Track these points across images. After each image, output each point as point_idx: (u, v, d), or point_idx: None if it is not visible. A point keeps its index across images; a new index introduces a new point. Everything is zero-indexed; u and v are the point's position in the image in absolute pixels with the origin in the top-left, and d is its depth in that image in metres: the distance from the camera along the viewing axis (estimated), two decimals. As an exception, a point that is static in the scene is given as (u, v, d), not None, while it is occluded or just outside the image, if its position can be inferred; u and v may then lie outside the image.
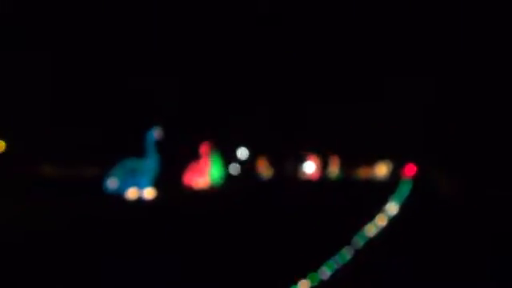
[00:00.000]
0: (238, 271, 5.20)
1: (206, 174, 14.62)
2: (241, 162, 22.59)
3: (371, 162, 23.40)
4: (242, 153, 22.70)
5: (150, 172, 10.87)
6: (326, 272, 4.83)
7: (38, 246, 6.17)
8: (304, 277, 4.61)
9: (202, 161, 14.57)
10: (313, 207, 10.94)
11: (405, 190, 14.61)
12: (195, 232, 7.58)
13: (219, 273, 5.15)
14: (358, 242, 6.24)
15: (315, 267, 4.86)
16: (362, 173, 23.48)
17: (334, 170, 23.54)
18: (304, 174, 23.51)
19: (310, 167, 24.04)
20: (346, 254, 5.58)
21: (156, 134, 10.97)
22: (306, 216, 9.42)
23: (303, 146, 23.49)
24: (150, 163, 10.91)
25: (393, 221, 8.48)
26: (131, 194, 10.84)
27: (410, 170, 20.04)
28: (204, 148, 14.58)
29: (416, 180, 17.85)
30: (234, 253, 6.04)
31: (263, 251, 6.06)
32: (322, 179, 22.35)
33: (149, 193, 10.98)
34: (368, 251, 6.02)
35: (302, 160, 23.91)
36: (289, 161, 24.01)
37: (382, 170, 23.32)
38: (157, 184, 11.11)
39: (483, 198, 12.38)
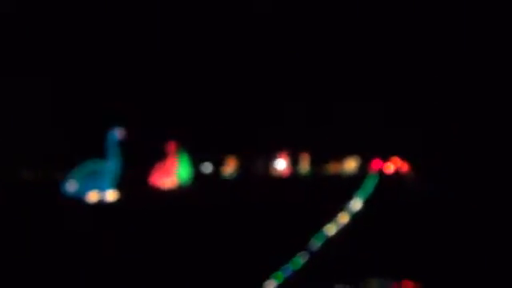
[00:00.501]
0: (207, 271, 5.10)
1: (173, 173, 14.24)
2: (213, 161, 22.48)
3: (340, 157, 23.54)
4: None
5: (111, 174, 10.47)
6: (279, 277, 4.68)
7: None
8: (267, 278, 4.49)
9: (168, 160, 14.19)
10: (281, 204, 10.77)
11: (371, 184, 14.67)
12: (161, 233, 7.33)
13: (186, 274, 5.01)
14: (316, 242, 6.06)
15: (277, 268, 4.75)
16: (332, 168, 23.59)
17: (305, 166, 23.66)
18: (275, 171, 23.57)
19: (280, 164, 24.13)
20: (301, 258, 5.40)
21: (118, 133, 10.58)
22: (275, 214, 9.23)
23: (274, 144, 23.46)
24: (112, 164, 10.51)
25: (356, 217, 8.33)
26: (92, 196, 10.43)
27: (377, 164, 20.11)
28: (170, 147, 14.20)
29: (382, 174, 17.95)
30: (202, 253, 5.87)
31: (231, 250, 5.95)
32: (293, 176, 22.45)
33: (111, 195, 10.59)
34: (325, 251, 5.84)
35: (273, 158, 23.98)
36: (259, 159, 24.04)
37: (350, 164, 23.44)
38: (119, 186, 10.71)
39: (449, 194, 12.29)
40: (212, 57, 18.30)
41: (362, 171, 21.44)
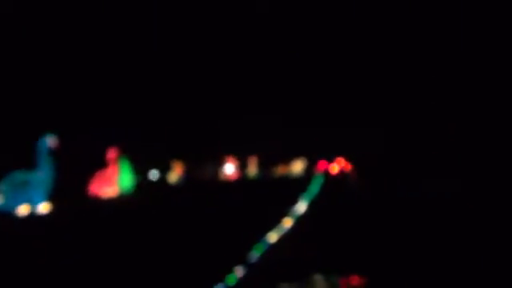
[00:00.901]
0: (148, 282, 4.90)
1: (114, 182, 13.55)
2: (160, 168, 22.05)
3: (288, 159, 23.48)
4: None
5: (43, 185, 9.75)
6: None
7: None
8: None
9: (109, 168, 13.49)
10: (229, 208, 10.47)
11: (316, 185, 14.55)
12: (102, 245, 6.85)
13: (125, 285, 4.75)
14: (261, 248, 5.83)
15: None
16: (279, 170, 23.46)
17: (253, 169, 23.58)
18: (224, 175, 23.37)
19: (229, 168, 23.99)
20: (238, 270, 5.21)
21: (49, 141, 9.88)
22: (221, 218, 8.98)
23: (221, 149, 23.25)
24: (43, 175, 9.79)
25: (301, 218, 8.17)
26: (22, 210, 9.69)
27: (323, 165, 20.16)
28: (111, 154, 13.50)
29: (328, 175, 18.03)
30: (144, 263, 5.60)
31: (178, 256, 5.78)
32: (241, 179, 22.32)
33: (43, 208, 9.87)
34: (270, 253, 5.69)
35: (222, 162, 23.80)
36: (208, 164, 23.83)
37: (297, 166, 23.35)
38: (52, 197, 9.99)
39: (392, 196, 12.38)
40: (156, 59, 17.71)
41: (309, 172, 21.34)
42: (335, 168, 19.51)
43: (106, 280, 5.18)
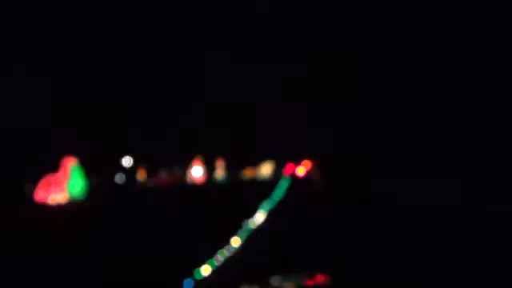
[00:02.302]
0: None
1: (63, 188, 12.02)
2: (125, 171, 20.89)
3: (256, 162, 22.30)
4: (127, 161, 20.99)
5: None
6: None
7: None
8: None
9: (58, 173, 11.99)
10: (195, 212, 9.82)
11: (282, 188, 13.64)
12: (55, 254, 6.02)
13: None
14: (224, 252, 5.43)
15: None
16: (248, 173, 22.22)
17: (220, 172, 22.37)
18: (191, 178, 22.17)
19: (196, 171, 22.78)
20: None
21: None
22: (188, 221, 8.43)
23: (190, 151, 22.05)
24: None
25: (263, 224, 7.54)
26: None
27: (290, 168, 19.19)
28: (66, 161, 12.01)
29: (295, 177, 17.23)
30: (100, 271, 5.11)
31: (139, 261, 5.35)
32: (209, 182, 21.22)
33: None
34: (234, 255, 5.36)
35: (189, 165, 22.62)
36: (176, 167, 22.63)
37: (265, 169, 22.17)
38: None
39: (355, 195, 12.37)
40: (118, 62, 16.32)
41: (277, 175, 20.29)
42: (302, 170, 18.55)
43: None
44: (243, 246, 6.06)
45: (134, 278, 4.89)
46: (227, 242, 5.91)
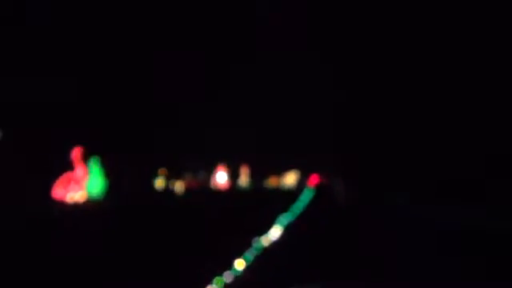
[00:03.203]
0: None
1: (82, 186, 11.69)
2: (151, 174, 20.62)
3: (280, 171, 21.90)
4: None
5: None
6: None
7: None
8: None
9: (77, 170, 11.65)
10: (218, 218, 9.54)
11: (304, 199, 13.10)
12: (68, 253, 5.61)
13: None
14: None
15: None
16: (272, 182, 21.82)
17: (244, 179, 22.03)
18: (215, 183, 21.89)
19: (221, 177, 22.46)
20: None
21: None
22: (210, 228, 8.08)
23: (213, 157, 21.76)
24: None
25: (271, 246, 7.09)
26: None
27: (314, 179, 18.69)
28: (76, 154, 11.61)
29: (318, 188, 16.71)
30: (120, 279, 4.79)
31: (159, 269, 5.14)
32: (232, 189, 20.91)
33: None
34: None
35: (213, 170, 22.34)
36: (200, 171, 22.39)
37: (290, 179, 21.72)
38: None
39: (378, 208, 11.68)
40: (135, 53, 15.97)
41: (301, 185, 19.81)
42: (325, 182, 18.08)
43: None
44: (249, 268, 5.65)
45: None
46: (232, 263, 5.42)
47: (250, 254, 5.52)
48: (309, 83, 18.31)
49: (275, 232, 7.15)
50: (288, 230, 7.60)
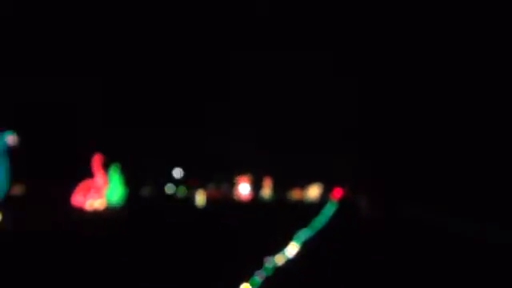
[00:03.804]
0: None
1: (102, 194, 11.54)
2: (175, 182, 20.59)
3: (304, 183, 21.51)
4: (178, 173, 20.71)
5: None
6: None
7: None
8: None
9: (98, 179, 11.50)
10: (240, 230, 9.18)
11: (327, 213, 12.62)
12: (85, 261, 5.27)
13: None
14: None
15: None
16: (295, 194, 21.44)
17: (267, 191, 21.71)
18: (238, 194, 21.62)
19: (243, 189, 22.20)
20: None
21: (9, 139, 7.90)
22: (231, 239, 7.78)
23: (236, 168, 21.55)
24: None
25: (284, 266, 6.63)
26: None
27: (338, 193, 18.21)
28: (97, 162, 11.46)
29: (342, 203, 16.19)
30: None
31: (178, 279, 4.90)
32: (255, 200, 20.61)
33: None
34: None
35: (236, 181, 22.10)
36: (223, 182, 22.19)
37: (313, 192, 21.31)
38: (3, 206, 7.96)
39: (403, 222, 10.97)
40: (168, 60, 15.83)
41: (324, 199, 19.36)
42: (349, 195, 17.60)
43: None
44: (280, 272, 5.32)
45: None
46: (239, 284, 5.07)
47: (260, 275, 5.17)
48: (336, 97, 18.02)
49: (291, 249, 6.77)
50: (306, 247, 7.21)
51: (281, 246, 6.73)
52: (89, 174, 11.48)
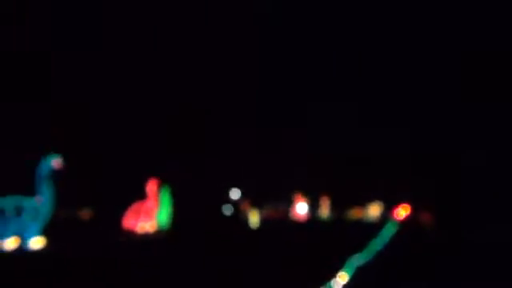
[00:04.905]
0: None
1: (152, 216, 11.34)
2: (233, 203, 20.32)
3: (363, 202, 20.71)
4: (235, 194, 20.50)
5: (39, 214, 7.61)
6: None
7: None
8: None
9: (148, 201, 11.32)
10: (295, 251, 8.97)
11: (386, 235, 11.94)
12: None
13: None
14: None
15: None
16: (354, 214, 20.67)
17: (325, 210, 21.05)
18: (294, 215, 21.08)
19: (301, 208, 21.64)
20: None
21: (54, 163, 7.78)
22: (288, 261, 7.68)
23: (292, 186, 21.02)
24: (42, 203, 7.66)
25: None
26: (11, 243, 7.54)
27: (399, 212, 17.38)
28: (152, 186, 11.34)
29: (403, 223, 15.41)
30: None
31: None
32: (312, 220, 20.03)
33: (36, 242, 7.68)
34: None
35: (292, 201, 21.56)
36: (279, 202, 21.70)
37: (373, 211, 20.48)
38: (49, 231, 7.81)
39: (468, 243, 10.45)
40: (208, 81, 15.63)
41: (385, 218, 18.58)
42: (410, 215, 16.77)
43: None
44: None
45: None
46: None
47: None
48: (393, 113, 17.44)
49: (339, 281, 6.24)
50: (357, 277, 6.63)
51: (330, 275, 6.26)
52: (139, 197, 11.32)
